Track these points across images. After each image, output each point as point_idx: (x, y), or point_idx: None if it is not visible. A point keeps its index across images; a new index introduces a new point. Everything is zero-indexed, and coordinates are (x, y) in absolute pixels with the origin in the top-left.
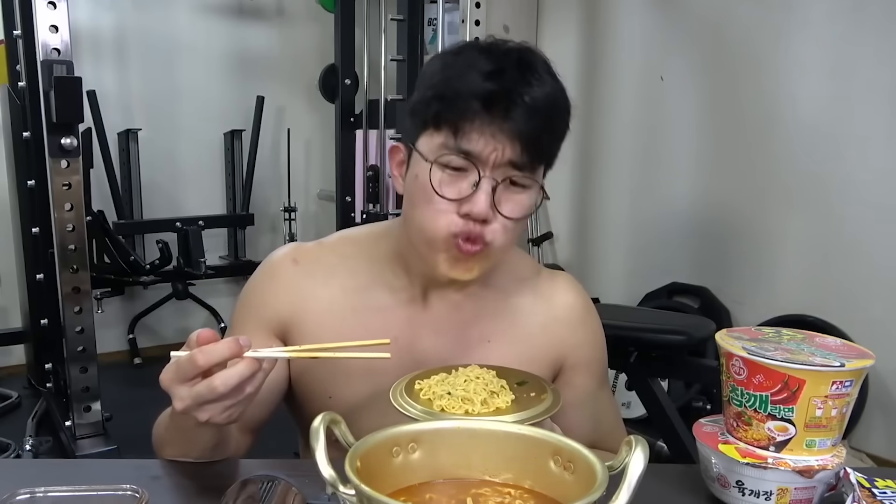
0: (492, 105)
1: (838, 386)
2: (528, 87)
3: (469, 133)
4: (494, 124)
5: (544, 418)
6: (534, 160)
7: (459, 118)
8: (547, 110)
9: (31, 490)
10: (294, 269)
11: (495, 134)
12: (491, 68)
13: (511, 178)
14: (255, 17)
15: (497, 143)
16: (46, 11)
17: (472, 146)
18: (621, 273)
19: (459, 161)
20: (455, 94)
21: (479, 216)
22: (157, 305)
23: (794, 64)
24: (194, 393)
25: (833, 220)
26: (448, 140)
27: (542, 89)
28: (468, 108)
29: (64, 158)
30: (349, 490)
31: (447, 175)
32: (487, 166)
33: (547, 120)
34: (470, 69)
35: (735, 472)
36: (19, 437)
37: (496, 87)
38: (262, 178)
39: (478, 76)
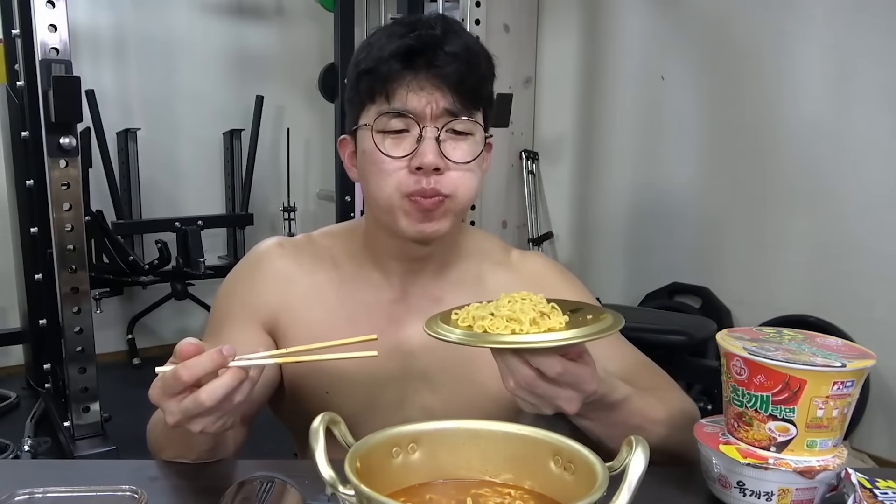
0: (413, 60)
1: (839, 386)
2: (444, 37)
3: (399, 92)
4: (420, 77)
5: (607, 335)
6: (467, 104)
7: (387, 81)
8: (466, 54)
9: (30, 491)
10: (281, 255)
11: (423, 86)
12: (405, 31)
13: (452, 126)
14: (254, 17)
15: (428, 95)
16: (45, 10)
17: (406, 103)
18: (622, 273)
19: (398, 122)
20: (377, 61)
21: (430, 165)
22: (156, 306)
23: (795, 63)
24: (182, 408)
25: (834, 220)
26: (383, 106)
27: (458, 39)
28: (391, 69)
29: (63, 158)
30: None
31: (390, 138)
32: (426, 119)
33: (469, 63)
34: (387, 38)
35: (736, 472)
36: (18, 437)
37: (413, 42)
38: (262, 177)
39: (395, 40)
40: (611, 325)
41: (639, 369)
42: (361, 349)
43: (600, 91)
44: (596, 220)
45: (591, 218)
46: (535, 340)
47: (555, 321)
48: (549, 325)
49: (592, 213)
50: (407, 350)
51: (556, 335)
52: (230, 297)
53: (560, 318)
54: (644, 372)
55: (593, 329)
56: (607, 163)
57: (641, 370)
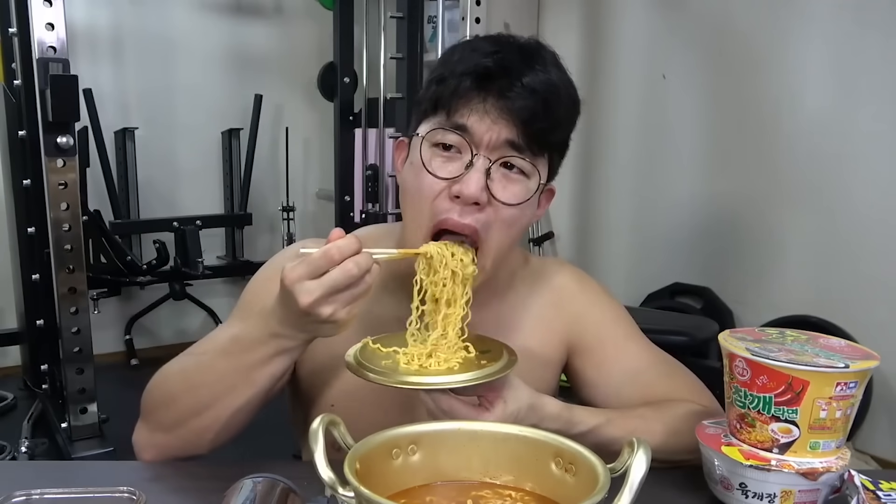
0: (486, 82)
1: (843, 387)
2: (527, 68)
3: (462, 109)
4: (488, 102)
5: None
6: (532, 144)
7: (453, 96)
8: (546, 93)
9: (28, 492)
10: None
11: (489, 112)
12: (490, 49)
13: (508, 159)
14: (253, 15)
15: (492, 122)
16: (42, 9)
17: (465, 121)
18: (623, 273)
19: (453, 137)
20: (451, 73)
21: (470, 197)
22: (154, 306)
23: (798, 62)
24: (326, 283)
25: (837, 220)
26: (442, 119)
27: (542, 74)
28: (461, 85)
29: (60, 157)
30: (348, 492)
31: (440, 155)
32: (482, 146)
33: (545, 103)
34: (470, 52)
35: (738, 474)
36: (15, 438)
37: (492, 65)
38: (261, 177)
39: (476, 56)
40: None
41: (650, 372)
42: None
43: (601, 90)
44: (597, 219)
45: (591, 218)
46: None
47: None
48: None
49: (593, 213)
50: None
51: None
52: (255, 297)
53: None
54: (656, 375)
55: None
56: (608, 162)
57: (653, 373)
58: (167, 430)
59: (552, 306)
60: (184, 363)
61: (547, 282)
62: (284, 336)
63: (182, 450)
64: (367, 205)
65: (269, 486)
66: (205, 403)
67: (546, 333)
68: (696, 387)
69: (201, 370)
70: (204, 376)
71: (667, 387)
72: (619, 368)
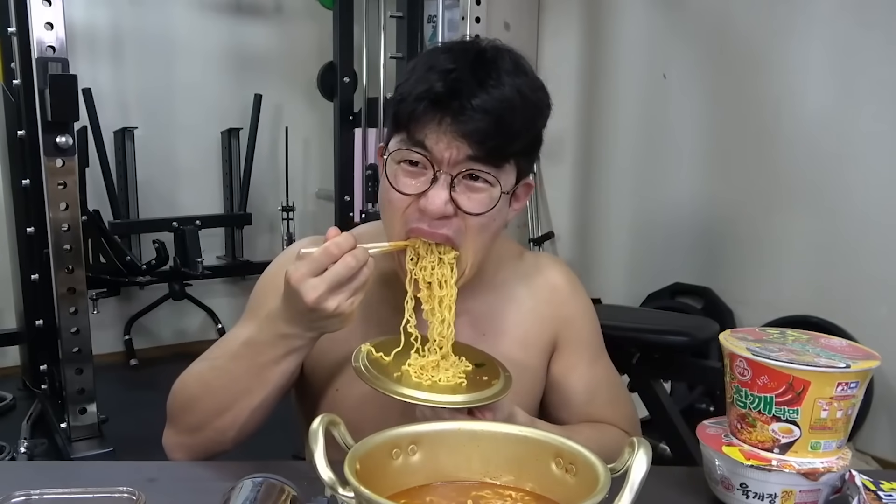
0: (440, 106)
1: (843, 387)
2: (479, 88)
3: (420, 130)
4: (444, 124)
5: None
6: (491, 158)
7: (410, 119)
8: (499, 111)
9: (27, 492)
10: None
11: (446, 132)
12: (445, 67)
13: (470, 171)
14: (252, 14)
15: (449, 143)
16: (42, 9)
17: (426, 140)
18: (623, 273)
19: (415, 155)
20: (408, 94)
21: (435, 213)
22: (153, 306)
23: (798, 62)
24: (329, 277)
25: (838, 220)
26: (403, 137)
27: (496, 90)
28: (417, 108)
29: (59, 157)
30: (348, 493)
31: (405, 171)
32: (443, 163)
33: (499, 121)
34: (426, 72)
35: (739, 474)
36: (14, 439)
37: (443, 90)
38: (260, 177)
39: (431, 77)
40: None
41: (603, 395)
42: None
43: (601, 90)
44: (597, 219)
45: (592, 217)
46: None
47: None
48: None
49: (594, 213)
50: None
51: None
52: (264, 294)
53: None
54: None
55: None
56: (608, 162)
57: (605, 396)
58: (192, 432)
59: (545, 302)
60: (201, 368)
61: (541, 277)
62: (292, 336)
63: (208, 448)
64: (367, 205)
65: (269, 487)
66: (224, 405)
67: (538, 327)
68: (630, 415)
69: (217, 374)
70: (220, 380)
71: (611, 413)
72: (583, 382)
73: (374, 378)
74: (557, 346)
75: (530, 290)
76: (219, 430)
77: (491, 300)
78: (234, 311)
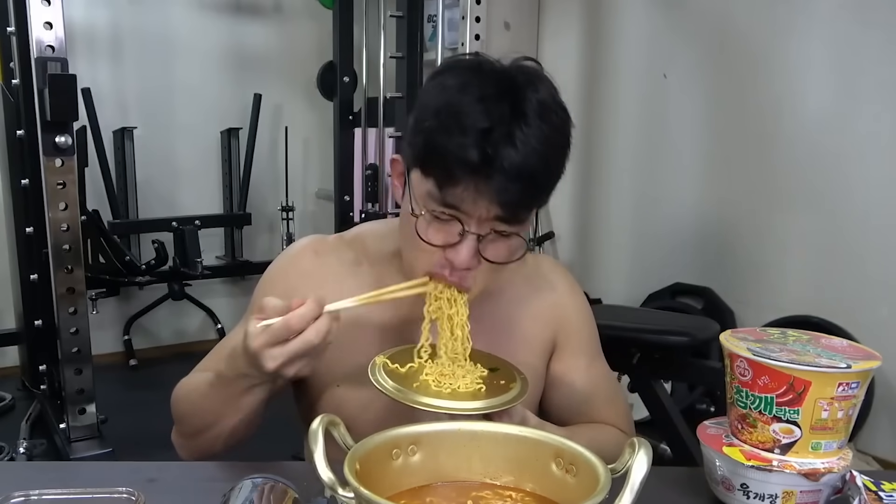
0: (475, 171)
1: (844, 387)
2: (513, 148)
3: (453, 189)
4: (478, 187)
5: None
6: (519, 215)
7: (444, 177)
8: (530, 172)
9: (26, 493)
10: (313, 260)
11: (480, 193)
12: (479, 127)
13: (498, 230)
14: (252, 14)
15: (481, 201)
16: (41, 8)
17: (456, 201)
18: (624, 273)
19: (445, 212)
20: (442, 152)
21: (461, 266)
22: (152, 306)
23: (799, 61)
24: (288, 351)
25: (839, 220)
26: (433, 191)
27: (526, 147)
28: (453, 170)
29: (58, 157)
30: (348, 493)
31: (434, 223)
32: (472, 220)
33: (530, 181)
34: (459, 127)
35: (739, 474)
36: (13, 439)
37: (479, 155)
38: (260, 176)
39: (465, 139)
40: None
41: (601, 395)
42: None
43: (602, 89)
44: (598, 219)
45: (592, 217)
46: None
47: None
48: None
49: (594, 213)
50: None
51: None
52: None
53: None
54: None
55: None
56: (609, 161)
57: (602, 396)
58: (189, 437)
59: (545, 303)
60: (191, 383)
61: (541, 279)
62: (252, 376)
63: (206, 451)
64: (367, 204)
65: (268, 487)
66: (207, 423)
67: (538, 327)
68: (626, 415)
69: (200, 396)
70: (202, 402)
71: (608, 413)
72: (582, 382)
73: (396, 391)
74: (557, 347)
75: (531, 291)
76: (208, 441)
77: (492, 302)
78: (234, 312)
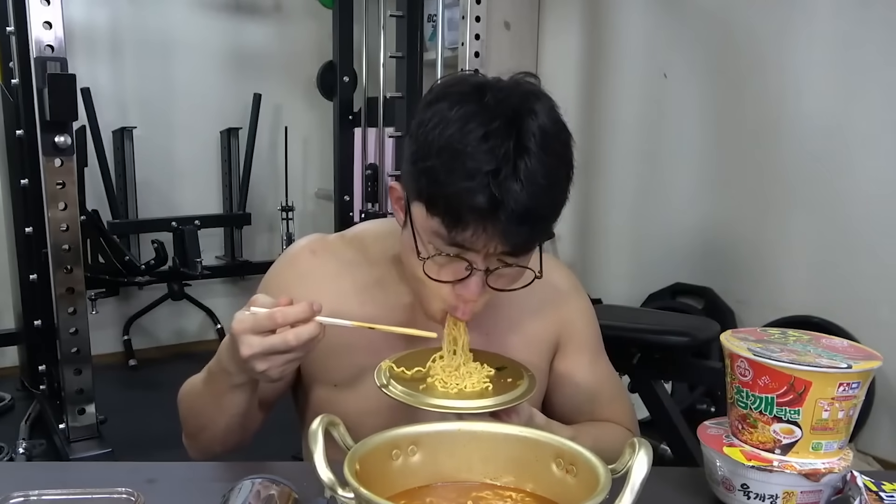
0: (484, 215)
1: (845, 388)
2: (520, 188)
3: (461, 230)
4: (487, 227)
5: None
6: (528, 249)
7: (452, 220)
8: (538, 211)
9: (25, 493)
10: (311, 260)
11: (489, 234)
12: (485, 170)
13: (505, 263)
14: (252, 14)
15: (489, 240)
16: (40, 8)
17: (464, 241)
18: (624, 273)
19: (453, 252)
20: (450, 195)
21: (471, 300)
22: (152, 306)
23: (800, 61)
24: (266, 343)
25: (839, 220)
26: (441, 230)
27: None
28: (461, 214)
29: (58, 157)
30: (348, 493)
31: (440, 260)
32: (479, 257)
33: (538, 221)
34: (464, 170)
35: (740, 475)
36: (12, 439)
37: (487, 202)
38: (259, 176)
39: (472, 181)
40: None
41: (605, 394)
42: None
43: (602, 89)
44: (598, 219)
45: (592, 217)
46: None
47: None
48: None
49: (594, 213)
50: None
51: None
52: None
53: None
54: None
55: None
56: (609, 161)
57: (606, 395)
58: (191, 437)
59: (550, 304)
60: (191, 382)
61: (546, 279)
62: (232, 373)
63: (207, 452)
64: (367, 204)
65: (268, 487)
66: (202, 424)
67: (541, 326)
68: (630, 413)
69: (196, 394)
70: (196, 400)
71: (612, 411)
72: (586, 381)
73: (404, 395)
74: (560, 346)
75: (533, 290)
76: (206, 441)
77: (494, 301)
78: (234, 312)
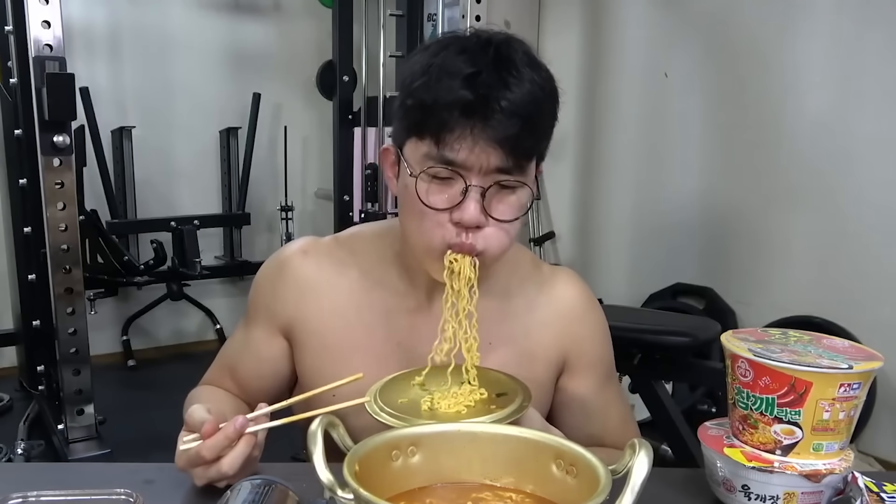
0: (470, 113)
1: (846, 388)
2: (506, 89)
3: (451, 143)
4: (475, 132)
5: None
6: (520, 161)
7: (440, 129)
8: (527, 111)
9: (24, 494)
10: (303, 263)
11: (477, 141)
12: (467, 72)
13: (500, 181)
14: (251, 13)
15: (481, 151)
16: (39, 7)
17: (456, 156)
18: (625, 273)
19: (445, 171)
20: (433, 102)
21: (470, 223)
22: (151, 306)
23: (801, 60)
24: (209, 476)
25: (840, 220)
26: (431, 150)
27: (520, 89)
28: (448, 117)
29: (56, 156)
30: (347, 494)
31: (435, 185)
32: (473, 174)
33: (528, 120)
34: (447, 74)
35: (741, 476)
36: (11, 440)
37: (473, 94)
38: (259, 176)
39: (455, 82)
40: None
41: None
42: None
43: (602, 88)
44: (598, 219)
45: (593, 217)
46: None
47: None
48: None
49: (595, 213)
50: (422, 361)
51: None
52: (257, 297)
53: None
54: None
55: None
56: (610, 161)
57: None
58: None
59: (558, 316)
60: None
61: (556, 290)
62: None
63: None
64: (367, 204)
65: (267, 488)
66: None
67: (547, 339)
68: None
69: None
70: None
71: (620, 437)
72: (593, 405)
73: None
74: (568, 364)
75: (542, 300)
76: None
77: (499, 306)
78: (233, 312)
